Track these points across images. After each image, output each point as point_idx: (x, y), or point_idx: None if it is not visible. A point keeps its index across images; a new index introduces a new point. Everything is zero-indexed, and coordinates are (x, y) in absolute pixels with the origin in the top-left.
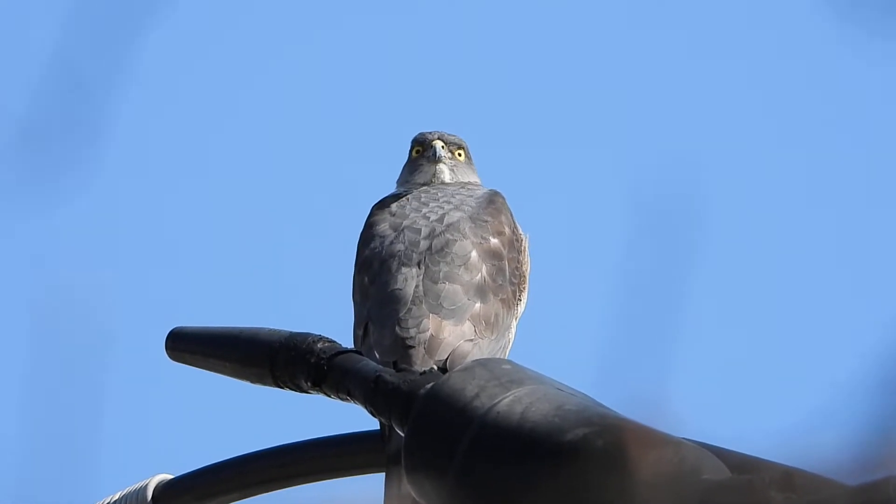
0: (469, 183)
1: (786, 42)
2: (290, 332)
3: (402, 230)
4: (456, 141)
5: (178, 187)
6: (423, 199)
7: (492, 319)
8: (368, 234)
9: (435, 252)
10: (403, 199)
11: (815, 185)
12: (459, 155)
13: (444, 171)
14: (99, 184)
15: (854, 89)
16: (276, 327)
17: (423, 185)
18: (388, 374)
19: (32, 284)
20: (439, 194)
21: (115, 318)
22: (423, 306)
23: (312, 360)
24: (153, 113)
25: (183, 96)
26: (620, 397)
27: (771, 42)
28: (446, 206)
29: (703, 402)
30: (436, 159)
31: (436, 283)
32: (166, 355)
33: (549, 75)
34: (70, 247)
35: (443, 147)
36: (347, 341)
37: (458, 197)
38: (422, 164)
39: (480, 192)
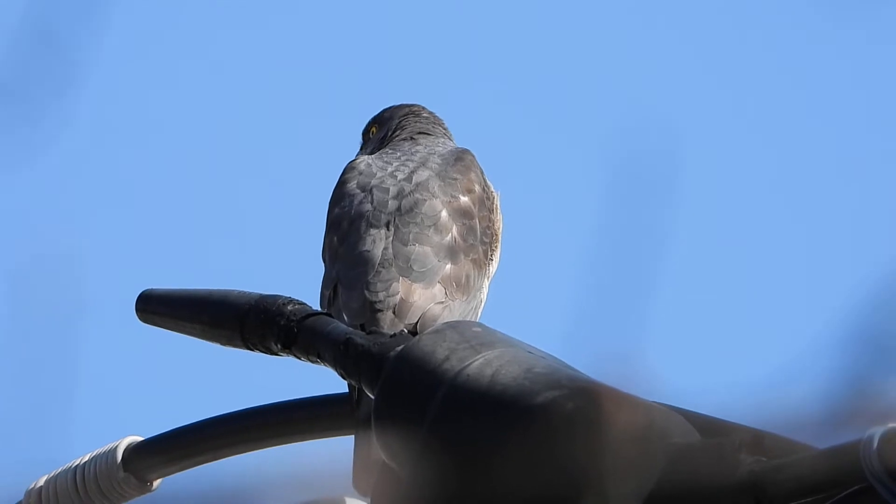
0: (402, 139)
1: (764, 7)
2: (260, 295)
3: (371, 190)
4: (367, 125)
5: (151, 144)
6: (386, 159)
7: (463, 281)
8: (339, 193)
9: (404, 213)
10: (370, 158)
11: (790, 144)
12: (372, 133)
13: (356, 160)
14: (70, 139)
15: (831, 53)
16: (247, 289)
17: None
18: (358, 336)
19: (4, 242)
20: (398, 153)
21: (85, 278)
22: (393, 269)
23: (282, 323)
24: (126, 67)
25: (157, 50)
26: (591, 359)
27: (749, 5)
28: (411, 164)
29: (674, 364)
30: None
31: (405, 244)
32: (136, 317)
33: (522, 33)
34: (40, 204)
35: (360, 148)
36: (318, 303)
37: (419, 154)
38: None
39: (445, 148)
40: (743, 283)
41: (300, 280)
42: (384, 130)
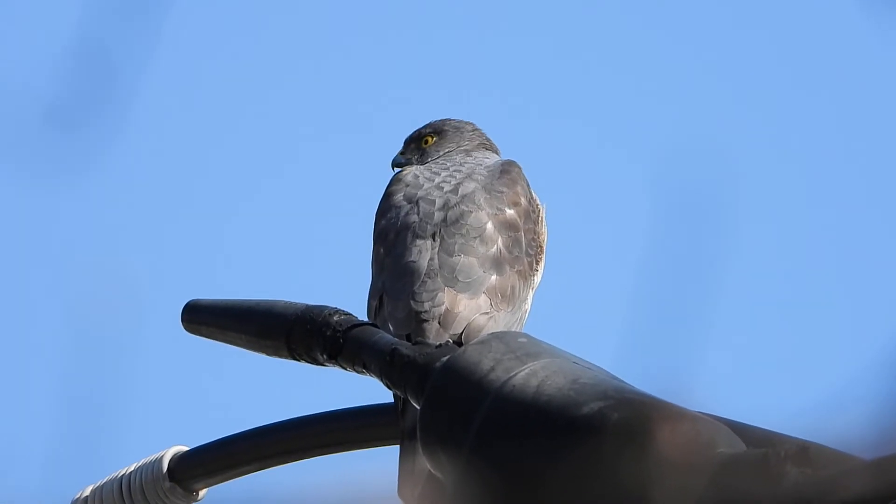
0: (460, 151)
1: (813, 24)
2: (307, 305)
3: (417, 201)
4: (422, 133)
5: (199, 162)
6: (434, 170)
7: (508, 292)
8: (385, 204)
9: (450, 224)
10: (417, 169)
11: (842, 167)
12: (426, 143)
13: (403, 171)
14: (121, 161)
15: (882, 71)
16: (293, 300)
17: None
18: (404, 347)
19: (59, 261)
20: (448, 164)
21: (133, 291)
22: (438, 279)
23: (328, 333)
24: (176, 92)
25: (205, 74)
26: (638, 371)
27: (798, 24)
28: (458, 176)
29: (722, 376)
30: (392, 166)
31: (451, 255)
32: (182, 328)
33: (573, 48)
34: (93, 224)
35: (400, 153)
36: (364, 314)
37: (466, 166)
38: None
39: (493, 160)
40: (795, 304)
41: (347, 290)
42: (447, 143)
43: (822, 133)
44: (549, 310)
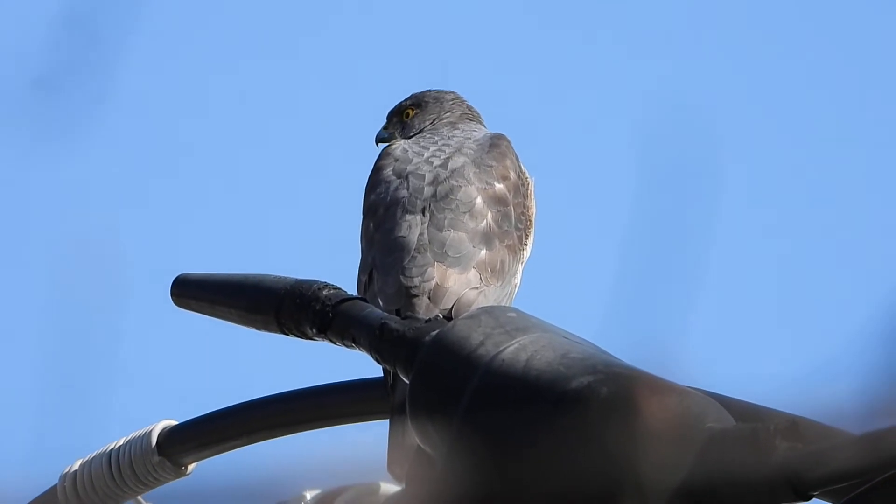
0: (445, 124)
1: None
2: (296, 279)
3: (407, 176)
4: (402, 107)
5: (187, 132)
6: (423, 144)
7: (497, 266)
8: (375, 179)
9: (440, 199)
10: (406, 143)
11: (836, 134)
12: (407, 116)
13: (391, 146)
14: (109, 130)
15: (868, 27)
16: (282, 274)
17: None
18: (394, 321)
19: (45, 230)
20: (436, 137)
21: (120, 263)
22: (428, 254)
23: (318, 307)
24: (162, 59)
25: (192, 42)
26: (626, 345)
27: None
28: (447, 150)
29: (711, 350)
30: (376, 142)
31: (440, 230)
32: (171, 302)
33: (553, 11)
34: (80, 192)
35: (383, 128)
36: (354, 289)
37: (455, 139)
38: None
39: (481, 133)
40: (783, 275)
41: (336, 265)
42: (428, 115)
43: (812, 90)
44: (538, 284)
